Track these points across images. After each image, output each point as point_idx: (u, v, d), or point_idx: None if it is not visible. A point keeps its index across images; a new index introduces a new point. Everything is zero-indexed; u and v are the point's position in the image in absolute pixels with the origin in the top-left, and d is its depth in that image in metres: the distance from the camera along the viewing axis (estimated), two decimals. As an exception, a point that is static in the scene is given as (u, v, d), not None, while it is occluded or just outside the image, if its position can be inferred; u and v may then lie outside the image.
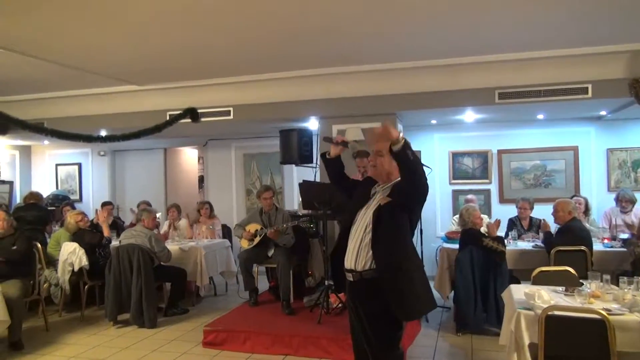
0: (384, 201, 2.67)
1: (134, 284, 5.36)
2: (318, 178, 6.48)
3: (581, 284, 3.46)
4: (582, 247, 4.79)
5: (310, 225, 6.11)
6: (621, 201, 6.12)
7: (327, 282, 5.17)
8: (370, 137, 2.60)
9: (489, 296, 4.83)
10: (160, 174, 9.36)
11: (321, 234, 5.82)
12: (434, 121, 7.26)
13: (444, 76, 5.76)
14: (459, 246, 5.06)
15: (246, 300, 5.88)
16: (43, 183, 9.38)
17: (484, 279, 4.85)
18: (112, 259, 5.48)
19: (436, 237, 7.03)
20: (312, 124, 6.87)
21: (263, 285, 6.38)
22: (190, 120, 6.72)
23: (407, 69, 5.78)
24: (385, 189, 2.78)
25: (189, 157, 10.41)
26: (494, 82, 5.68)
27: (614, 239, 5.57)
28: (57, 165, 9.55)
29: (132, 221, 7.36)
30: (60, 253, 5.70)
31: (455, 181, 7.56)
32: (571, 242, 4.84)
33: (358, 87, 6.07)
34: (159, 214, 6.31)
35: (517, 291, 3.50)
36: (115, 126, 6.91)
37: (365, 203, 2.81)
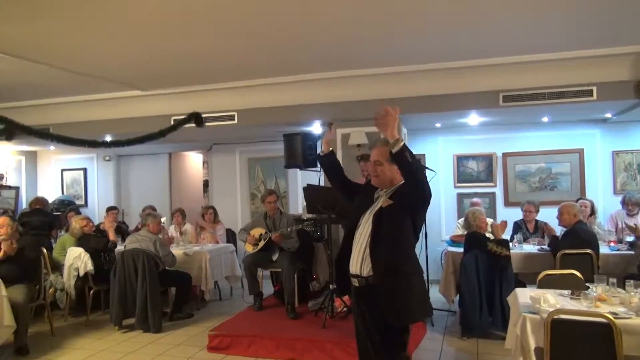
0: (386, 203, 2.66)
1: (139, 288, 5.37)
2: (322, 182, 6.47)
3: (587, 287, 3.44)
4: (588, 251, 4.76)
5: (314, 229, 6.11)
6: (627, 204, 6.09)
7: (332, 286, 5.16)
8: (379, 119, 2.72)
9: (494, 300, 4.79)
10: (165, 178, 9.39)
11: (326, 237, 5.82)
12: (438, 124, 7.25)
13: (448, 79, 5.74)
14: (463, 250, 5.03)
15: (251, 305, 5.89)
16: (49, 188, 9.43)
17: (489, 282, 4.83)
18: (117, 263, 5.50)
19: (441, 241, 7.01)
20: (316, 128, 6.87)
21: (268, 289, 6.38)
22: (194, 125, 6.73)
23: (411, 72, 5.77)
24: (388, 192, 2.76)
25: (194, 161, 10.45)
26: (498, 85, 5.66)
27: (620, 242, 5.53)
28: (62, 171, 9.60)
29: (138, 225, 7.38)
30: (66, 258, 5.73)
31: (460, 184, 7.53)
32: (577, 246, 4.81)
33: (361, 90, 6.07)
34: (163, 219, 6.32)
35: (523, 295, 3.48)
36: (120, 131, 6.94)
37: (369, 207, 2.79)
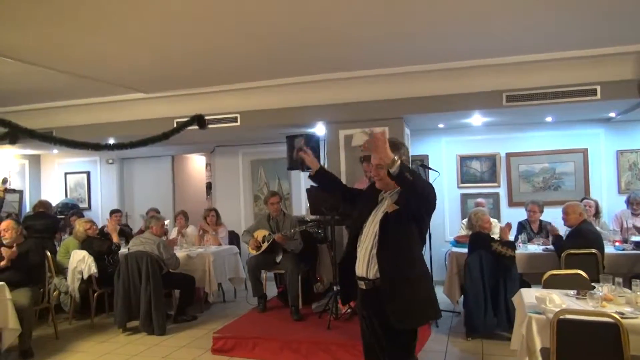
0: (392, 209, 2.63)
1: (143, 291, 5.37)
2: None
3: (593, 287, 3.42)
4: (593, 250, 4.74)
5: (318, 231, 6.10)
6: (632, 204, 6.06)
7: (336, 287, 5.15)
8: (367, 145, 2.47)
9: (499, 300, 4.77)
10: (168, 181, 9.39)
11: (329, 239, 5.80)
12: (441, 125, 7.23)
13: (451, 79, 5.73)
14: (468, 250, 5.02)
15: (255, 307, 5.88)
16: (52, 192, 9.45)
17: (494, 283, 4.81)
18: (121, 266, 5.50)
19: (445, 242, 6.98)
20: (319, 130, 6.87)
21: (271, 291, 6.38)
22: (197, 127, 6.69)
23: (414, 73, 5.76)
24: (392, 194, 2.74)
25: (197, 164, 10.46)
26: (501, 84, 5.65)
27: (625, 241, 5.50)
28: (66, 174, 9.60)
29: (142, 227, 7.39)
30: (70, 261, 5.74)
31: (463, 185, 7.50)
32: (582, 245, 4.78)
33: (364, 91, 6.06)
34: (167, 221, 6.33)
35: (528, 295, 3.46)
36: (123, 134, 6.94)
37: (373, 209, 2.76)
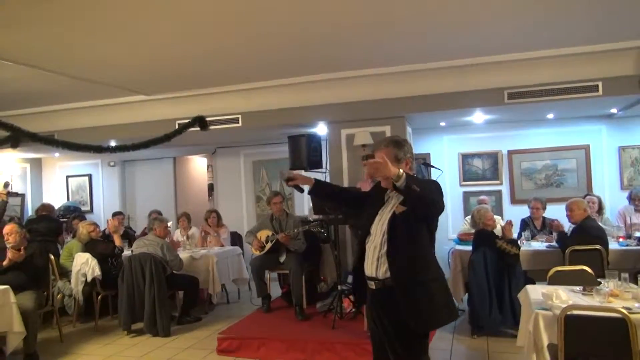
0: (399, 210, 2.60)
1: (147, 292, 5.37)
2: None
3: (599, 283, 3.41)
4: (598, 247, 4.72)
5: (321, 230, 6.10)
6: (634, 200, 6.05)
7: (340, 287, 5.15)
8: (369, 169, 2.46)
9: (504, 297, 4.77)
10: (170, 182, 9.39)
11: (333, 238, 5.80)
12: (443, 123, 7.23)
13: (452, 78, 5.74)
14: (472, 247, 5.01)
15: (259, 307, 5.88)
16: (54, 195, 9.45)
17: (499, 280, 4.80)
18: (124, 268, 5.50)
19: (448, 240, 6.98)
20: (321, 129, 6.86)
21: (275, 291, 6.37)
22: (199, 128, 6.74)
23: (415, 72, 5.77)
24: (399, 195, 2.69)
25: (199, 165, 10.45)
26: (503, 82, 5.65)
27: (629, 237, 5.49)
28: (67, 177, 9.61)
29: (144, 229, 7.39)
30: (73, 264, 5.74)
31: (465, 183, 7.51)
32: (586, 242, 4.76)
33: (366, 90, 6.07)
34: (170, 223, 6.32)
35: (534, 292, 3.45)
36: (125, 136, 6.94)
37: (380, 209, 2.73)
